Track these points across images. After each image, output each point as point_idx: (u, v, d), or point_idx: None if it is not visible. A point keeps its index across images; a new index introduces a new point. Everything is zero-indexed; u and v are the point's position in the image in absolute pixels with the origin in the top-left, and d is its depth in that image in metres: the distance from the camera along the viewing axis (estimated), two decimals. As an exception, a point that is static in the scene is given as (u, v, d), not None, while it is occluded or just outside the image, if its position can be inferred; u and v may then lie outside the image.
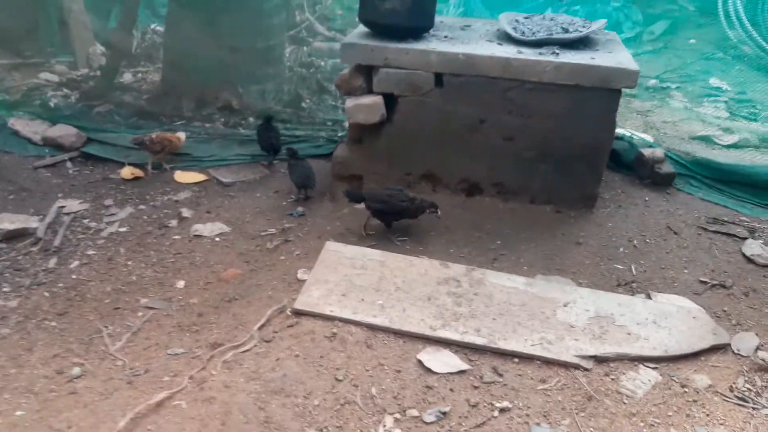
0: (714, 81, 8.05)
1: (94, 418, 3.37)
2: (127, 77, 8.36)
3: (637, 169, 5.78)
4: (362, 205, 5.17)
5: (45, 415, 3.46)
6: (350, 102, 5.06)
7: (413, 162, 5.29)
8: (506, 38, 5.29)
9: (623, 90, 4.88)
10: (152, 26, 9.56)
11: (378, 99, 5.00)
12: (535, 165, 5.13)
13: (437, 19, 5.41)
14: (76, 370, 3.78)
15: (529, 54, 4.92)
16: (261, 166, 6.34)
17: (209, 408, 3.32)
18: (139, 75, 8.52)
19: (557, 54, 4.91)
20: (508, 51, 4.98)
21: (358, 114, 5.05)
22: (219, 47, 7.52)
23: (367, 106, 5.01)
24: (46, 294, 4.59)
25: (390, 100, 5.09)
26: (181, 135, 6.22)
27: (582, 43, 5.22)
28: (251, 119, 7.24)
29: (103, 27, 8.90)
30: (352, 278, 4.22)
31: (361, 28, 5.36)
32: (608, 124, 4.93)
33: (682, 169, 5.76)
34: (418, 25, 5.15)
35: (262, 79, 7.94)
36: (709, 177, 5.71)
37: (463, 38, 5.30)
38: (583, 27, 5.30)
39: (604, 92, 4.78)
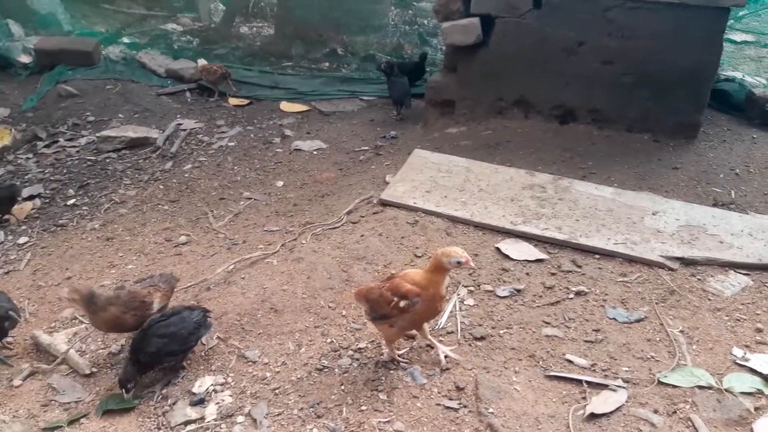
0: None
1: (195, 270, 3.75)
2: (243, 30, 8.99)
3: (747, 109, 5.47)
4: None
5: (152, 268, 3.88)
6: (447, 23, 5.17)
7: (506, 87, 5.31)
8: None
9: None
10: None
11: (474, 20, 5.08)
12: (633, 91, 5.00)
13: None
14: (183, 238, 4.21)
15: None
16: (359, 100, 6.63)
17: (297, 265, 3.57)
18: (254, 29, 9.14)
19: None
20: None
21: (454, 34, 5.16)
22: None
23: (463, 26, 5.10)
24: (161, 187, 5.09)
25: (487, 23, 5.15)
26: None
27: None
28: (354, 64, 7.62)
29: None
30: (437, 179, 4.35)
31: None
32: (714, 47, 4.72)
33: (799, 112, 5.38)
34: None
35: (366, 30, 8.36)
36: (831, 119, 5.30)
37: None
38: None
39: (711, 11, 4.58)
